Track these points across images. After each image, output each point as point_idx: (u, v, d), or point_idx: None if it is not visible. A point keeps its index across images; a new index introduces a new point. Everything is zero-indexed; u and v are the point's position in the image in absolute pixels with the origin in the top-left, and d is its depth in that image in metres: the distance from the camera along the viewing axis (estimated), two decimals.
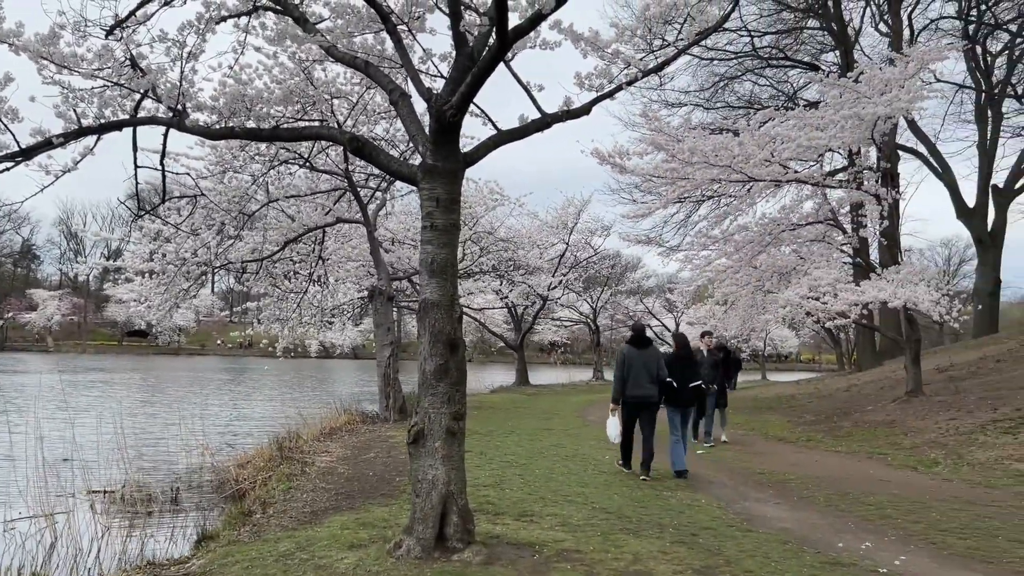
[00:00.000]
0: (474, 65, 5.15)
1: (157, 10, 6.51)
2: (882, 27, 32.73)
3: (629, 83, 6.50)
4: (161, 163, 7.19)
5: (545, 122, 5.97)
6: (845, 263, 16.32)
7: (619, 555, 5.32)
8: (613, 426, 9.53)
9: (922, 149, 32.33)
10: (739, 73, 32.36)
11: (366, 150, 5.52)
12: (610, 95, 6.57)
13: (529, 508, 6.85)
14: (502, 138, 5.76)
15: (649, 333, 44.98)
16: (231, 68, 7.11)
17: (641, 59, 6.64)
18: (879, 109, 13.27)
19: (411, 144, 15.31)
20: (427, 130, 5.39)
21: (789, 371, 75.24)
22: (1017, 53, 32.74)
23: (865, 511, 7.44)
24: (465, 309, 26.50)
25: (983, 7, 30.95)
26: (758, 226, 17.00)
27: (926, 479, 9.38)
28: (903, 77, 14.30)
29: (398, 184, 16.89)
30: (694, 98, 31.38)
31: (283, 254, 15.74)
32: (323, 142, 14.52)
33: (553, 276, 29.40)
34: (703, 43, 29.49)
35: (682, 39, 6.82)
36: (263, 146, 13.96)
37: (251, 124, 6.76)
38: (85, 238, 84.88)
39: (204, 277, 15.34)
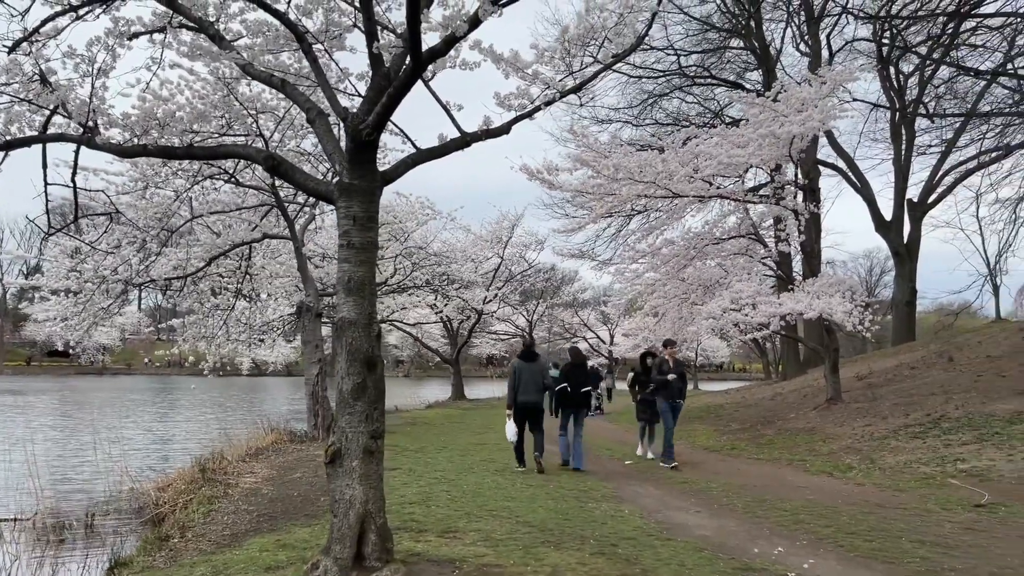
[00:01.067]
0: (390, 85, 5.20)
1: (68, 24, 6.38)
2: (802, 47, 34.04)
3: (547, 104, 6.64)
4: (72, 180, 7.00)
5: (464, 141, 6.05)
6: (767, 276, 16.85)
7: (539, 568, 5.39)
8: (510, 428, 10.81)
9: (842, 164, 33.65)
10: (667, 91, 33.20)
11: (282, 169, 5.50)
12: (529, 115, 6.69)
13: (453, 524, 6.87)
14: (420, 157, 5.82)
15: (584, 345, 45.40)
16: (148, 84, 6.99)
17: (561, 80, 6.80)
18: (794, 128, 13.80)
19: None
20: (344, 149, 5.41)
21: (721, 380, 77.01)
22: (927, 74, 34.45)
23: (780, 517, 7.69)
24: (400, 324, 26.33)
25: (895, 31, 32.47)
26: (684, 240, 17.45)
27: (840, 484, 9.74)
28: (818, 97, 14.92)
29: None
30: (623, 115, 32.03)
31: (208, 270, 15.43)
32: None
33: (488, 290, 29.52)
34: (631, 61, 30.17)
35: (599, 61, 7.01)
36: (186, 161, 13.71)
37: (174, 140, 6.66)
38: (1, 256, 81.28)
39: (126, 295, 14.90)
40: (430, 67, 6.28)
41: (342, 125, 5.40)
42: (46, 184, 6.96)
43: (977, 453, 10.31)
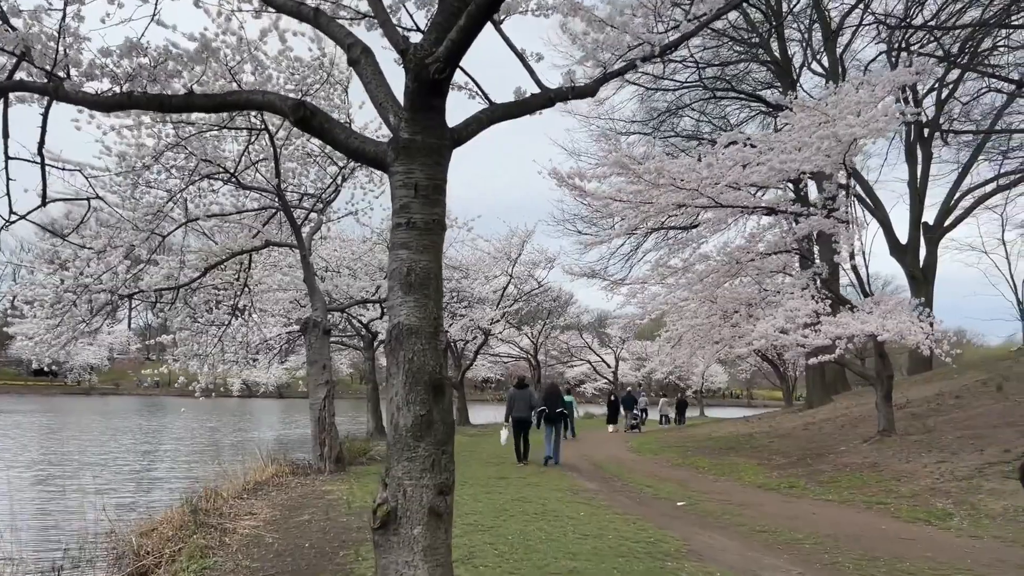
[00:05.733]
0: (467, 5, 3.79)
1: None
2: (815, 66, 32.85)
3: (644, 59, 5.26)
4: (40, 152, 5.56)
5: (548, 98, 4.67)
6: (813, 296, 15.40)
7: None
8: (504, 434, 16.50)
9: (855, 185, 32.40)
10: (680, 106, 31.98)
11: (315, 122, 4.05)
12: (620, 73, 5.36)
13: None
14: (497, 113, 4.40)
15: (584, 368, 44.90)
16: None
17: (663, 34, 5.44)
18: (856, 130, 12.48)
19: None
20: (404, 94, 3.98)
21: (720, 406, 75.39)
22: (944, 94, 33.50)
23: None
24: None
25: (910, 51, 31.34)
26: (722, 255, 16.05)
27: (951, 536, 8.24)
28: (872, 100, 13.67)
29: (334, 205, 15.33)
30: (642, 127, 30.85)
31: (204, 281, 13.94)
32: (252, 154, 12.94)
33: (496, 308, 27.96)
34: (650, 72, 28.97)
35: (697, 16, 5.69)
36: (181, 158, 12.28)
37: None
38: None
39: (111, 308, 13.34)
40: (501, 7, 4.91)
41: (403, 65, 3.97)
42: (8, 157, 5.54)
43: None
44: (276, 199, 13.19)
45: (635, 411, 30.56)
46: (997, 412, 16.50)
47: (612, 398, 31.89)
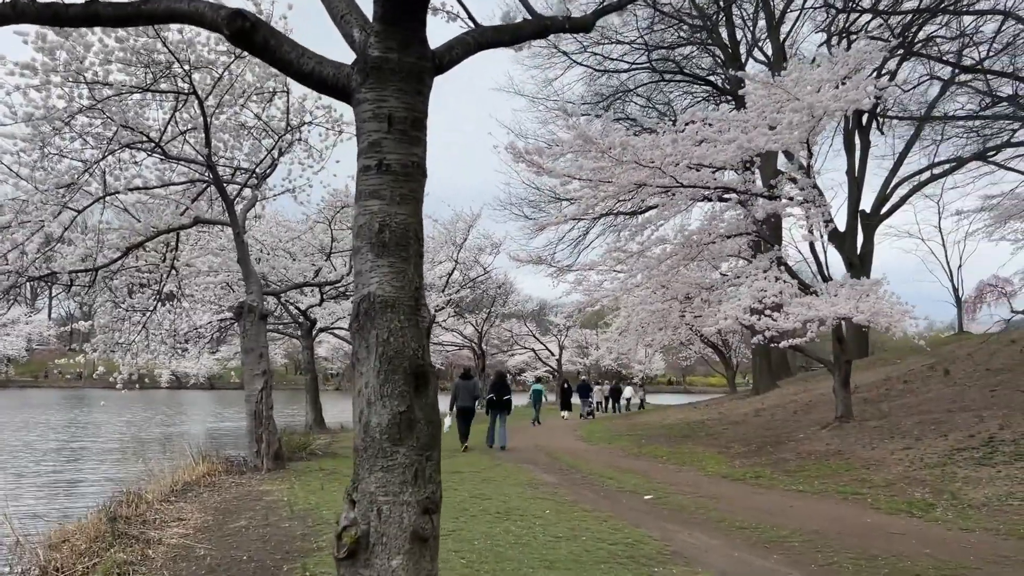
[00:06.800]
0: None
1: None
2: (757, 54, 32.79)
3: None
4: None
5: (543, 26, 3.87)
6: (778, 277, 15.01)
7: None
8: (447, 422, 17.81)
9: (796, 174, 32.56)
10: (625, 91, 31.52)
11: (259, 36, 3.15)
12: (619, 7, 4.57)
13: None
14: (486, 36, 3.57)
15: (525, 357, 44.60)
16: None
17: None
18: (830, 104, 12.04)
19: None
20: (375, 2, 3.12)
21: (658, 393, 75.98)
22: (883, 83, 33.69)
23: None
24: (333, 334, 24.29)
25: (850, 39, 31.48)
26: (680, 237, 15.53)
27: (941, 529, 7.79)
28: (834, 77, 13.29)
29: (270, 182, 14.22)
30: (591, 109, 30.30)
31: (125, 262, 12.70)
32: (179, 124, 11.80)
33: (442, 294, 26.99)
34: (599, 53, 28.38)
35: None
36: (98, 124, 11.05)
37: None
38: None
39: (17, 290, 12.02)
40: None
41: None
42: None
43: None
44: (206, 172, 12.05)
45: (589, 398, 30.64)
46: (948, 397, 16.46)
47: (565, 385, 31.69)
